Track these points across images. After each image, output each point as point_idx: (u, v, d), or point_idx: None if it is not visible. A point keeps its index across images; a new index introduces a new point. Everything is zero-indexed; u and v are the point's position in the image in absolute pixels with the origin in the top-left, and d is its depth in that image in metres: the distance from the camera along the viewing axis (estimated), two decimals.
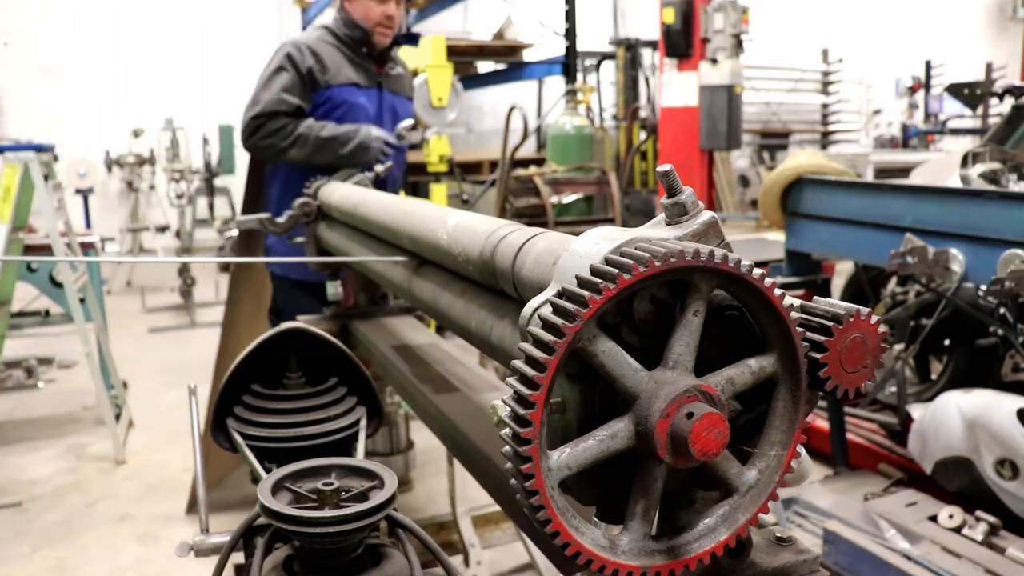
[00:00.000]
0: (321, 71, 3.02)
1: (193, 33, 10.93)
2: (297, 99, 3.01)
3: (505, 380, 0.70)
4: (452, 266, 1.24)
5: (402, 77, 3.33)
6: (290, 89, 3.00)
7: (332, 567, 0.94)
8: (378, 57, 3.17)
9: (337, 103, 3.04)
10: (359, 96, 3.09)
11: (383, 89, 3.18)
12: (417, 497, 3.59)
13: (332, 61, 3.04)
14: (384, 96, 3.19)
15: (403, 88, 3.32)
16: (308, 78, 3.01)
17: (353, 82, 3.07)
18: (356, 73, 3.09)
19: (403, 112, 3.28)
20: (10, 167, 4.19)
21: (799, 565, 0.82)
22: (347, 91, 3.06)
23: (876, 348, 0.73)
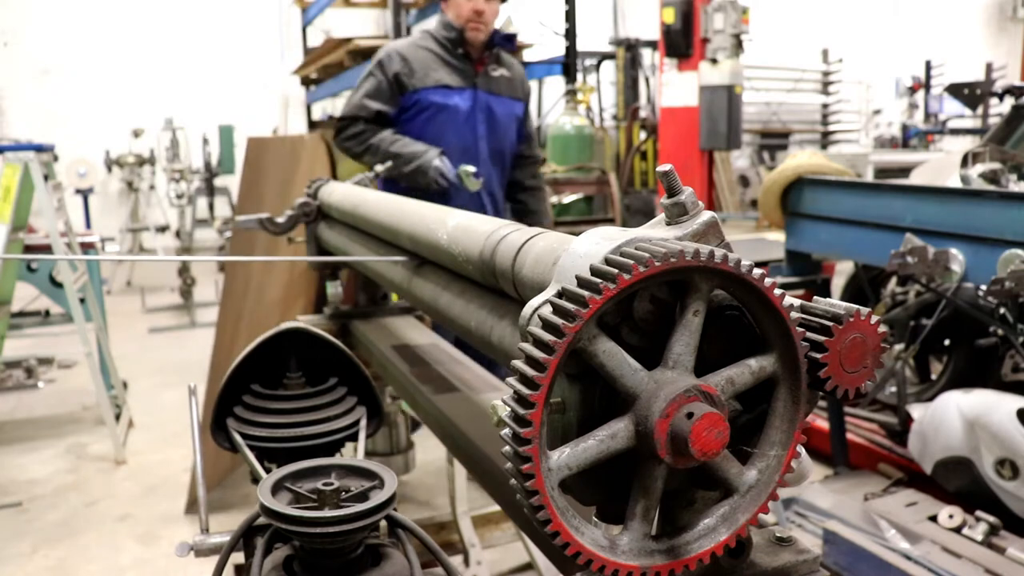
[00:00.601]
0: (408, 75, 3.10)
1: (193, 33, 10.93)
2: (380, 104, 3.12)
3: (505, 380, 0.70)
4: (452, 266, 1.24)
5: (508, 79, 3.33)
6: (374, 94, 3.12)
7: (332, 567, 0.94)
8: (479, 57, 3.22)
9: (424, 105, 3.12)
10: (452, 97, 3.14)
11: (479, 89, 3.22)
12: (417, 497, 3.59)
13: (422, 65, 3.12)
14: (479, 96, 3.21)
15: (506, 89, 3.32)
16: (395, 83, 3.10)
17: (444, 84, 3.13)
18: (450, 74, 3.15)
19: (502, 113, 3.28)
20: (10, 167, 4.18)
21: (799, 565, 0.82)
22: (436, 93, 3.13)
23: (876, 348, 0.73)
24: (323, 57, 7.51)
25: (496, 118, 3.26)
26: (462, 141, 3.23)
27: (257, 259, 3.52)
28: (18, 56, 10.38)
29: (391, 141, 3.06)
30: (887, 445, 3.59)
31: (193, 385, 1.26)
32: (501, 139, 3.36)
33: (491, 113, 3.24)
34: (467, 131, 3.23)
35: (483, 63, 3.24)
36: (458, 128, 3.22)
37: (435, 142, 3.15)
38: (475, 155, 3.26)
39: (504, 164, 3.43)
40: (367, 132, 3.11)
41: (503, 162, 3.44)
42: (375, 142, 3.09)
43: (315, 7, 8.51)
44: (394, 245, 1.59)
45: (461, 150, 3.23)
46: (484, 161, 3.28)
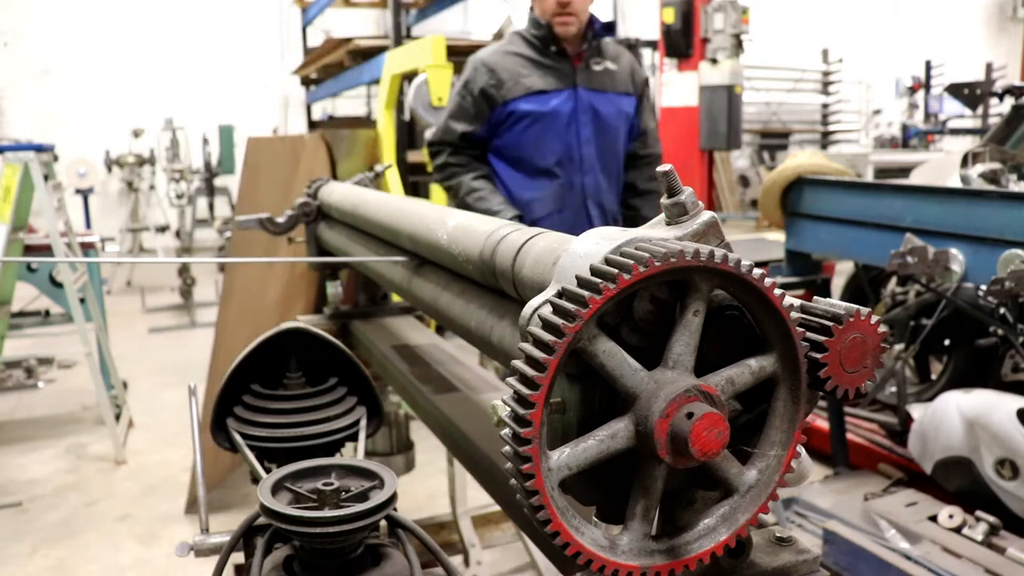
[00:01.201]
0: (496, 87, 2.82)
1: (193, 33, 10.94)
2: (464, 124, 2.86)
3: (505, 380, 0.70)
4: (452, 266, 1.24)
5: (613, 73, 2.95)
6: (458, 114, 2.87)
7: (332, 567, 0.94)
8: (576, 53, 2.88)
9: (519, 117, 2.82)
10: (550, 102, 2.83)
11: (579, 88, 2.88)
12: (417, 497, 3.59)
13: (511, 73, 2.83)
14: (580, 96, 2.88)
15: (612, 84, 2.94)
16: (482, 98, 2.83)
17: (537, 90, 2.83)
18: (543, 77, 2.84)
19: (609, 112, 2.92)
20: (10, 167, 4.19)
21: (799, 565, 0.82)
22: (530, 101, 2.83)
23: (876, 348, 0.73)
24: (323, 57, 7.52)
25: (603, 118, 2.91)
26: (565, 149, 2.90)
27: (257, 260, 3.51)
28: (18, 56, 10.38)
29: (468, 190, 2.82)
30: (887, 445, 3.60)
31: (193, 385, 1.26)
32: (611, 142, 2.97)
33: (596, 113, 2.89)
34: (570, 137, 2.89)
35: (581, 58, 2.88)
36: (559, 135, 2.88)
37: (535, 153, 2.88)
38: (579, 163, 2.91)
39: (616, 170, 3.04)
40: (452, 168, 2.86)
41: (615, 167, 3.03)
42: (454, 184, 2.86)
43: (315, 7, 8.51)
44: (394, 245, 1.59)
45: (565, 159, 2.90)
46: (591, 168, 2.94)
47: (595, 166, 2.93)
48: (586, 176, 2.92)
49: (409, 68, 4.26)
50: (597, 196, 2.97)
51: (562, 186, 2.91)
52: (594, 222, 2.95)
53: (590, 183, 2.94)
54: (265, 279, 3.77)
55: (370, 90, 9.48)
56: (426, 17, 7.68)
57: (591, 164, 2.91)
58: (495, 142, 2.92)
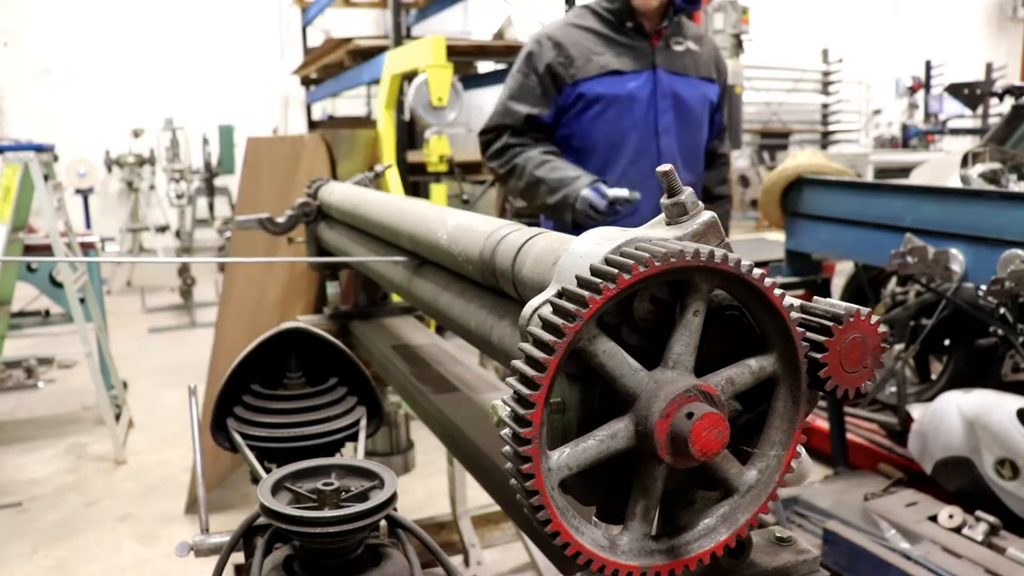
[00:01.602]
0: (565, 64, 2.46)
1: (193, 33, 10.93)
2: (528, 106, 2.50)
3: (505, 380, 0.70)
4: (452, 266, 1.24)
5: (696, 55, 2.61)
6: (520, 95, 2.51)
7: (332, 567, 0.94)
8: (655, 30, 2.52)
9: (590, 99, 2.47)
10: (626, 84, 2.47)
11: (659, 69, 2.52)
12: (417, 497, 3.59)
13: (581, 49, 2.47)
14: (660, 78, 2.52)
15: (694, 67, 2.61)
16: (548, 76, 2.47)
17: (612, 69, 2.46)
18: (619, 56, 2.48)
19: (692, 97, 2.58)
20: (10, 167, 4.19)
21: (799, 565, 0.82)
22: (603, 82, 2.46)
23: (876, 348, 0.73)
24: (323, 57, 7.52)
25: (685, 105, 2.55)
26: (642, 139, 2.53)
27: (257, 259, 3.51)
28: (18, 56, 10.38)
29: (538, 162, 2.43)
30: (887, 445, 3.60)
31: (193, 385, 1.26)
32: (693, 132, 2.62)
33: (677, 99, 2.53)
34: (647, 125, 2.52)
35: (660, 36, 2.53)
36: (635, 122, 2.51)
37: (606, 144, 2.52)
38: (657, 156, 2.55)
39: (698, 166, 2.69)
40: (514, 148, 2.49)
41: (697, 162, 2.68)
42: (520, 162, 2.47)
43: (315, 7, 8.51)
44: (394, 245, 1.59)
45: (641, 151, 2.54)
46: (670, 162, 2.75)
47: (675, 159, 2.55)
48: None
49: (409, 68, 4.26)
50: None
51: (637, 182, 2.52)
52: None
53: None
54: (265, 279, 3.78)
55: (370, 90, 9.48)
56: (426, 17, 7.68)
57: (671, 156, 2.55)
58: (558, 132, 2.57)
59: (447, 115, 4.13)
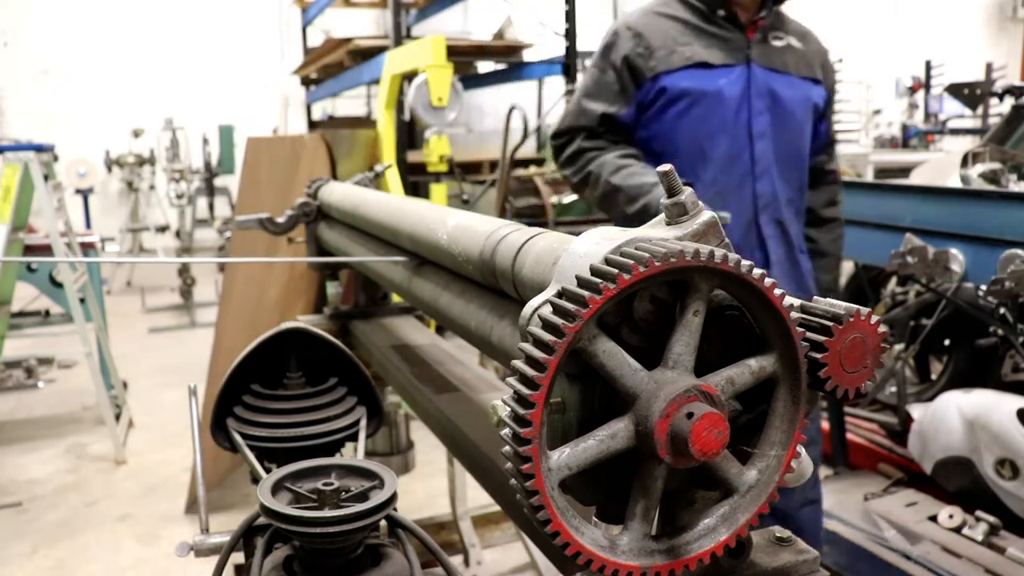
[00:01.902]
0: (644, 56, 2.17)
1: (193, 33, 10.93)
2: (604, 104, 2.22)
3: (505, 380, 0.70)
4: (452, 266, 1.24)
5: (794, 50, 2.30)
6: (595, 92, 2.24)
7: (332, 567, 0.94)
8: (751, 20, 2.24)
9: (673, 95, 2.17)
10: (715, 79, 2.18)
11: (754, 64, 2.22)
12: (417, 497, 3.59)
13: (664, 39, 2.18)
14: (755, 75, 2.21)
15: (796, 65, 2.29)
16: (626, 69, 2.19)
17: (699, 61, 2.17)
18: (708, 47, 2.19)
19: (792, 99, 2.26)
20: (10, 167, 4.19)
21: (799, 565, 0.82)
22: (689, 76, 2.17)
23: (876, 348, 0.73)
24: (323, 57, 7.52)
25: (783, 106, 2.23)
26: (732, 143, 2.22)
27: (257, 259, 3.51)
28: (18, 56, 10.37)
29: (614, 168, 2.16)
30: (887, 445, 3.60)
31: (193, 385, 1.26)
32: (793, 138, 2.28)
33: (775, 99, 2.22)
34: (739, 127, 2.21)
35: (756, 28, 2.24)
36: (725, 123, 2.20)
37: (691, 147, 2.22)
38: (750, 164, 2.23)
39: (799, 178, 2.34)
40: (589, 153, 2.23)
41: (797, 174, 2.33)
42: (595, 169, 2.20)
43: (315, 7, 8.51)
44: (394, 245, 1.59)
45: (732, 157, 2.22)
46: (766, 171, 2.24)
47: (771, 168, 2.24)
48: (759, 181, 2.23)
49: (409, 68, 4.26)
50: (774, 209, 2.25)
51: (726, 193, 2.22)
52: (768, 244, 2.25)
53: (764, 191, 2.23)
54: (265, 279, 3.78)
55: (370, 90, 9.48)
56: (426, 17, 7.68)
57: (766, 165, 2.23)
58: (638, 133, 2.28)
59: (447, 115, 4.13)
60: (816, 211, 2.47)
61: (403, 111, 5.06)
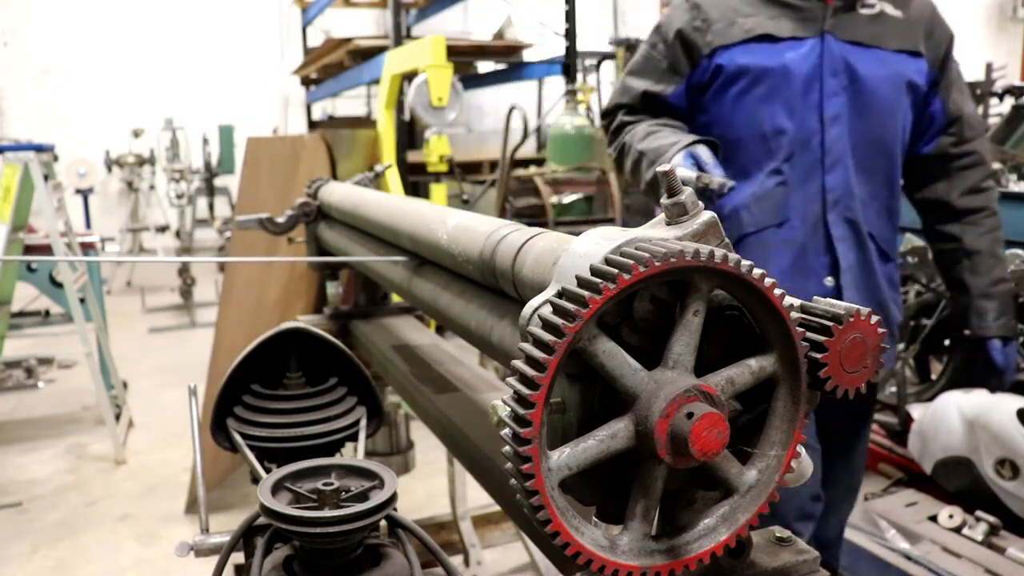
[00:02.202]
0: (702, 29, 1.93)
1: (193, 33, 10.93)
2: (647, 81, 2.01)
3: (505, 380, 0.70)
4: (452, 266, 1.24)
5: (888, 19, 1.95)
6: (640, 69, 2.03)
7: (332, 567, 0.94)
8: None
9: (731, 73, 1.91)
10: (780, 53, 1.89)
11: (830, 37, 1.90)
12: (417, 497, 3.59)
13: (723, 9, 1.93)
14: (830, 48, 1.89)
15: (884, 36, 1.94)
16: (679, 45, 1.96)
17: (760, 34, 1.89)
18: (776, 19, 1.91)
19: (874, 75, 1.92)
20: (10, 167, 4.19)
21: (799, 565, 0.82)
22: (749, 50, 1.90)
23: (876, 348, 0.73)
24: (323, 57, 7.53)
25: (865, 85, 1.91)
26: (800, 129, 1.92)
27: (257, 259, 3.51)
28: (18, 56, 10.37)
29: (643, 135, 1.94)
30: (887, 445, 3.60)
31: (193, 385, 1.26)
32: (877, 123, 1.95)
33: (854, 77, 1.91)
34: (807, 109, 1.91)
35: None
36: (790, 105, 1.90)
37: (755, 132, 1.94)
38: (820, 152, 1.92)
39: (885, 171, 2.00)
40: (625, 127, 2.02)
41: (883, 167, 1.99)
42: (627, 139, 1.99)
43: (315, 7, 8.52)
44: (394, 245, 1.59)
45: (800, 145, 1.92)
46: (838, 161, 1.93)
47: (845, 158, 1.92)
48: (829, 173, 1.92)
49: (409, 68, 4.26)
50: (847, 207, 1.94)
51: (788, 186, 1.94)
52: (838, 247, 1.94)
53: (836, 184, 1.92)
54: (265, 279, 3.78)
55: (370, 90, 9.48)
56: (426, 17, 7.68)
57: (839, 155, 1.92)
58: (699, 118, 2.04)
59: (447, 115, 4.13)
60: (951, 204, 2.10)
61: (403, 111, 5.06)
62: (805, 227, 1.95)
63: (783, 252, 1.94)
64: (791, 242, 1.94)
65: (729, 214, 1.97)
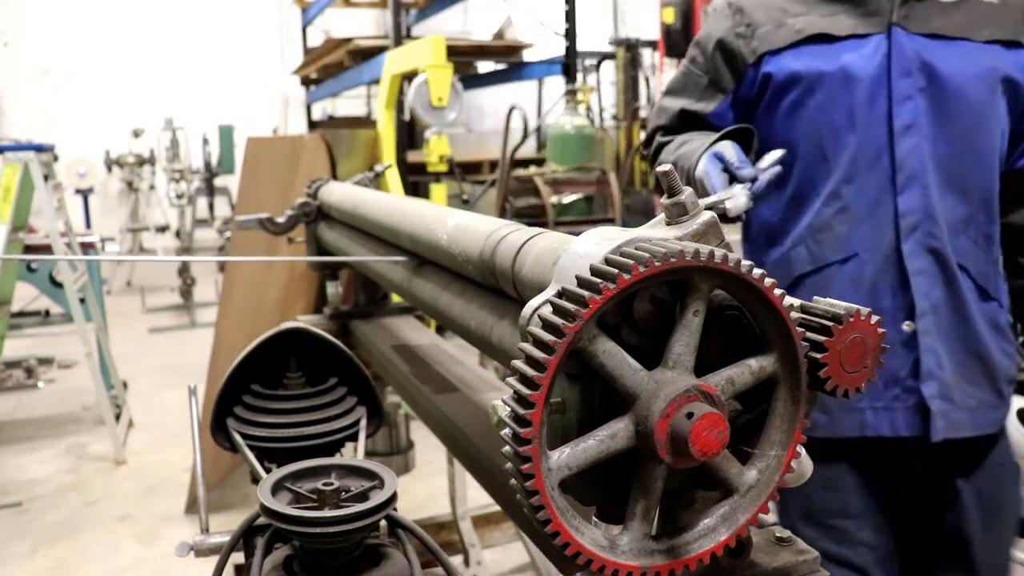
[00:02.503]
0: (746, 35, 1.67)
1: (193, 33, 10.94)
2: (685, 99, 1.76)
3: (505, 380, 0.70)
4: (452, 266, 1.24)
5: (973, 4, 1.59)
6: (678, 87, 1.79)
7: (332, 567, 0.94)
8: None
9: (781, 82, 1.62)
10: (838, 55, 1.57)
11: (900, 30, 1.56)
12: (417, 497, 3.59)
13: (770, 11, 1.65)
14: (901, 44, 1.55)
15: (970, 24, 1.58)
16: (720, 56, 1.70)
17: (815, 34, 1.59)
18: (833, 15, 1.60)
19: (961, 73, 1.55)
20: (10, 167, 4.19)
21: (799, 565, 0.82)
22: (801, 54, 1.60)
23: (876, 348, 0.73)
24: (323, 57, 7.53)
25: (948, 85, 1.55)
26: (864, 143, 1.58)
27: (257, 259, 3.52)
28: (18, 56, 10.38)
29: (677, 145, 1.69)
30: None
31: (193, 385, 1.26)
32: (967, 129, 1.58)
33: (933, 77, 1.55)
34: (872, 119, 1.57)
35: None
36: (851, 115, 1.58)
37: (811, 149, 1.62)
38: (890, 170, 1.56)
39: (982, 185, 1.61)
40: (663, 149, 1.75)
41: (978, 180, 1.60)
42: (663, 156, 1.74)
43: (315, 7, 8.52)
44: (394, 245, 1.59)
45: (864, 163, 1.58)
46: (915, 178, 1.56)
47: (924, 175, 1.55)
48: (903, 194, 1.56)
49: (409, 68, 4.26)
50: (926, 234, 1.55)
51: (851, 212, 1.59)
52: (914, 283, 1.56)
53: (912, 206, 1.55)
54: (265, 279, 3.78)
55: (370, 90, 9.48)
56: (426, 17, 7.69)
57: (915, 171, 1.55)
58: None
59: (447, 115, 4.14)
60: None
61: (403, 111, 5.07)
62: (875, 261, 1.59)
63: (850, 294, 1.58)
64: (859, 280, 1.60)
65: (788, 251, 1.66)
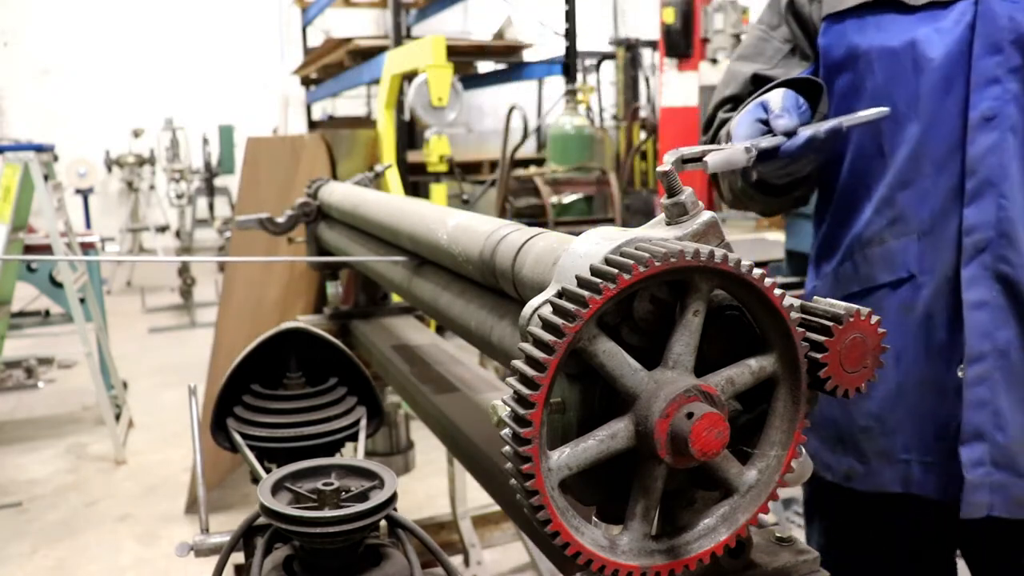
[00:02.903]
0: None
1: (193, 33, 10.94)
2: (761, 63, 1.45)
3: (505, 380, 0.70)
4: (452, 266, 1.24)
5: None
6: (750, 52, 1.48)
7: (332, 567, 0.94)
8: None
9: (837, 61, 1.35)
10: (911, 29, 1.26)
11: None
12: (417, 497, 3.59)
13: None
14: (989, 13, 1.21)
15: None
16: (791, 18, 1.43)
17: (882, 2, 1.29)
18: None
19: None
20: (10, 167, 4.19)
21: (799, 565, 0.82)
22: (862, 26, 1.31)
23: (876, 348, 0.73)
24: (323, 57, 7.53)
25: None
26: (928, 136, 1.27)
27: (257, 259, 3.51)
28: (18, 56, 10.38)
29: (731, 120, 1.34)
30: None
31: (193, 385, 1.26)
32: None
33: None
34: (944, 109, 1.25)
35: None
36: (916, 103, 1.27)
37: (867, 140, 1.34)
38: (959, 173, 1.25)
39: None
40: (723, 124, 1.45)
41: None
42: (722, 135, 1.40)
43: (315, 7, 8.52)
44: (394, 245, 1.59)
45: (929, 159, 1.27)
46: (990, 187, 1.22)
47: (1002, 182, 1.22)
48: (972, 204, 1.25)
49: (409, 68, 4.26)
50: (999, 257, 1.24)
51: (909, 220, 1.30)
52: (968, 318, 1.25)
53: (980, 221, 1.24)
54: (265, 279, 3.78)
55: (370, 90, 9.49)
56: (426, 17, 7.69)
57: (991, 176, 1.23)
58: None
59: (447, 115, 4.13)
60: None
61: (403, 111, 5.07)
62: (931, 285, 1.29)
63: (902, 325, 1.30)
64: (910, 308, 1.30)
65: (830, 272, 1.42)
